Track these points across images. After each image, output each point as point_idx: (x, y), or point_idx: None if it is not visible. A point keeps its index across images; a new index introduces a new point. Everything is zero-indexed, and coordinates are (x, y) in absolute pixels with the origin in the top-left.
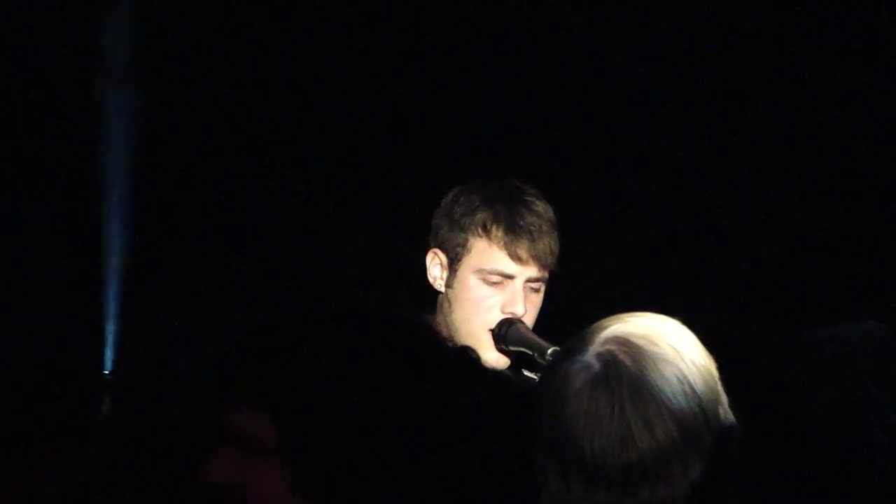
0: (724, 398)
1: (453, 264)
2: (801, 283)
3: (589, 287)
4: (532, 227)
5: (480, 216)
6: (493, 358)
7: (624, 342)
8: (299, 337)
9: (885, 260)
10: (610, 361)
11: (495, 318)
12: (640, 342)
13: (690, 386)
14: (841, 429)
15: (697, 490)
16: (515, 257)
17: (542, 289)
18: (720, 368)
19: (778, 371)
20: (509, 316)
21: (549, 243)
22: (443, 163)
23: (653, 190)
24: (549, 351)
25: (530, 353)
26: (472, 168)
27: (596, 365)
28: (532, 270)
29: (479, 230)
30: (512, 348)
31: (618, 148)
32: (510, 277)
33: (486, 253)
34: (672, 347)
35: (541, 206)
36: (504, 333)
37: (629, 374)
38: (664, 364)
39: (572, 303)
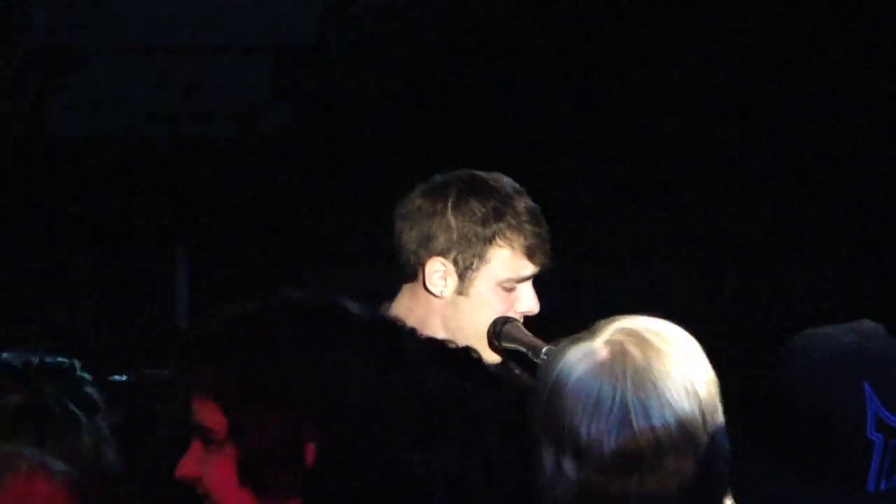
0: (721, 411)
1: (467, 273)
2: (800, 283)
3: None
4: (541, 225)
5: (498, 227)
6: (490, 356)
7: (635, 334)
8: (251, 329)
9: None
10: (618, 350)
11: None
12: (651, 337)
13: (693, 387)
14: (836, 429)
15: (688, 486)
16: (536, 261)
17: None
18: (716, 369)
19: (773, 371)
20: (512, 315)
21: (549, 235)
22: None
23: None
24: (544, 350)
25: (524, 350)
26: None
27: (603, 351)
28: (542, 267)
29: (500, 241)
30: (506, 345)
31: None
32: (526, 280)
33: (511, 262)
34: (681, 349)
35: (528, 198)
36: (499, 331)
37: (635, 363)
38: (671, 362)
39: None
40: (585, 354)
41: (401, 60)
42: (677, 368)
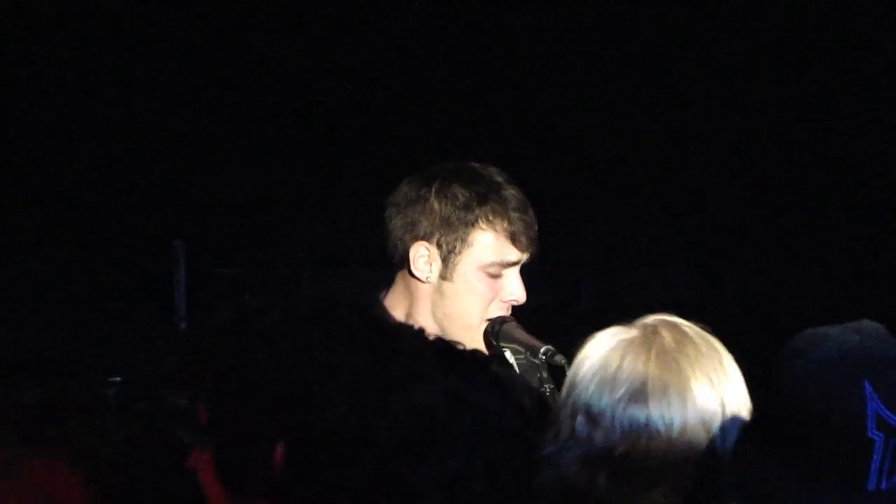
0: (743, 423)
1: (450, 258)
2: (801, 286)
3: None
4: (526, 212)
5: (481, 211)
6: (481, 345)
7: (673, 325)
8: (247, 329)
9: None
10: (649, 331)
11: (495, 308)
12: (688, 330)
13: (720, 385)
14: (836, 428)
15: (692, 470)
16: (521, 245)
17: None
18: None
19: (773, 370)
20: (505, 311)
21: (536, 223)
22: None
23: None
24: (542, 349)
25: (523, 350)
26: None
27: (635, 331)
28: (528, 254)
29: (483, 224)
30: (503, 345)
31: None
32: (513, 265)
33: (494, 246)
34: (717, 353)
35: (515, 187)
36: (497, 331)
37: (664, 344)
38: (701, 356)
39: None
40: (616, 333)
41: (399, 60)
42: (708, 363)
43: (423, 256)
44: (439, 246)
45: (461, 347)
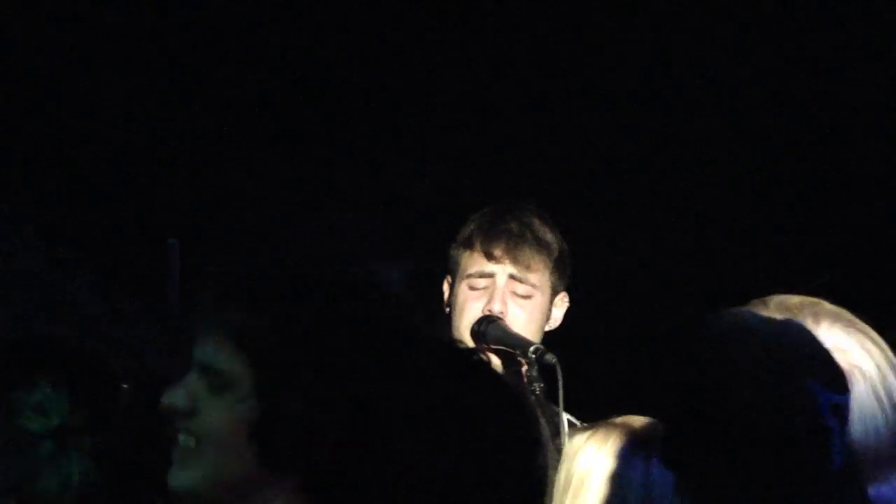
0: None
1: (453, 283)
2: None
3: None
4: (513, 232)
5: (468, 229)
6: None
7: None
8: (315, 305)
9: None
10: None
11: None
12: None
13: None
14: (791, 418)
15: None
16: (490, 256)
17: (535, 299)
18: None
19: (696, 367)
20: (487, 313)
21: (530, 250)
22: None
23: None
24: (532, 348)
25: (511, 350)
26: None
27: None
28: (510, 268)
29: (466, 241)
30: (492, 346)
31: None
32: (490, 276)
33: (469, 259)
34: None
35: (532, 220)
36: (483, 330)
37: None
38: None
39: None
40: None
41: (397, 59)
42: None
43: (444, 290)
44: (451, 274)
45: (461, 346)
